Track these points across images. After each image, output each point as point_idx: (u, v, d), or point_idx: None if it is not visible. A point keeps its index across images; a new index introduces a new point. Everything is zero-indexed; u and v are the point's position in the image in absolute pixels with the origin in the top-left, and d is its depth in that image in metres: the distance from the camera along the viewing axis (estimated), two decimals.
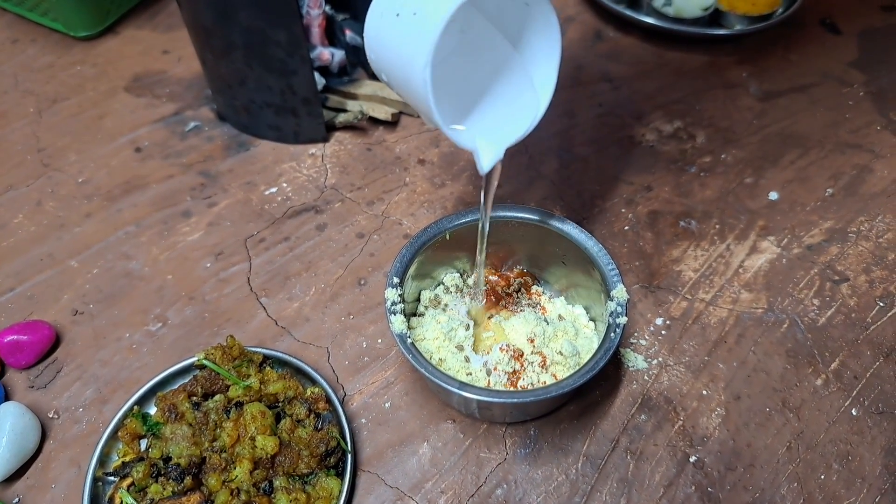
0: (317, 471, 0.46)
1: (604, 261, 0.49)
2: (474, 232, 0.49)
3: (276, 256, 0.61)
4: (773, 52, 0.81)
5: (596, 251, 0.50)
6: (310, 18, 0.70)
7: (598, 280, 0.50)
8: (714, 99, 0.75)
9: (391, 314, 0.47)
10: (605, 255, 0.49)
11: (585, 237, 0.50)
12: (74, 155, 0.71)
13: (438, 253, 0.53)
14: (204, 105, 0.75)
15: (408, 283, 0.51)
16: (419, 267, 0.52)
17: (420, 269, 0.52)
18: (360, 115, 0.70)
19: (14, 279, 0.60)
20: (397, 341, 0.46)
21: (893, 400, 0.52)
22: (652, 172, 0.67)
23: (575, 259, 0.52)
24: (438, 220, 0.52)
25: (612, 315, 0.47)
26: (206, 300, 0.58)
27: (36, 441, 0.50)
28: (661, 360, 0.54)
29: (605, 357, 0.44)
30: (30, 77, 0.79)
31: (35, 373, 0.54)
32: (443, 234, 0.52)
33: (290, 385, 0.49)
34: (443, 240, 0.52)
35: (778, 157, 0.69)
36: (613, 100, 0.75)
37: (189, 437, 0.45)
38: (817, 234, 0.63)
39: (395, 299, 0.48)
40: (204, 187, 0.67)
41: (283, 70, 0.63)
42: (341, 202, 0.66)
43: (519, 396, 0.43)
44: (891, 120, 0.73)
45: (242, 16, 0.60)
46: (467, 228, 0.52)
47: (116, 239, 0.63)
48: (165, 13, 0.88)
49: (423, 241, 0.51)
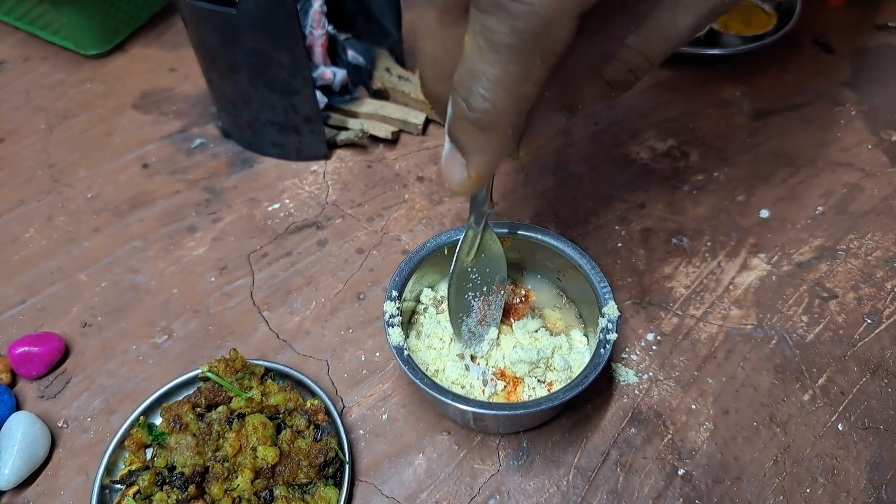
0: (315, 480, 0.47)
1: (596, 278, 0.51)
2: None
3: (278, 271, 0.63)
4: (766, 71, 0.82)
5: (589, 269, 0.51)
6: (312, 38, 0.72)
7: (591, 297, 0.51)
8: (708, 118, 0.77)
9: (389, 326, 0.49)
10: (598, 272, 0.51)
11: (579, 255, 0.52)
12: (84, 171, 0.73)
13: (437, 267, 0.55)
14: (209, 122, 0.77)
15: (406, 297, 0.52)
16: (418, 281, 0.54)
17: (418, 283, 0.54)
18: (360, 133, 0.71)
19: (25, 292, 0.62)
20: (394, 354, 0.48)
21: (879, 415, 0.53)
22: (646, 190, 0.69)
23: (569, 275, 0.54)
24: (437, 236, 0.54)
25: (602, 331, 0.48)
26: (210, 313, 0.60)
27: (46, 449, 0.51)
28: (652, 375, 0.55)
29: (594, 371, 0.46)
30: (41, 94, 0.82)
31: (45, 383, 0.56)
32: (441, 249, 0.54)
33: (291, 397, 0.51)
34: (441, 254, 0.54)
35: (770, 175, 0.71)
36: (609, 118, 0.77)
37: (193, 447, 0.47)
38: (807, 252, 0.64)
39: (394, 312, 0.50)
40: (209, 203, 0.69)
41: (286, 90, 0.65)
42: (342, 218, 0.67)
43: (511, 408, 0.45)
44: (882, 139, 0.74)
45: (247, 38, 0.62)
46: None
47: (124, 253, 0.65)
48: (172, 31, 0.90)
49: (422, 255, 0.53)
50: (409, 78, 0.76)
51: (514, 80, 0.32)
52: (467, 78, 0.33)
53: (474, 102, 0.34)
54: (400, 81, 0.75)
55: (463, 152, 0.37)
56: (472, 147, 0.37)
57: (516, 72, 0.32)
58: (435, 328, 0.53)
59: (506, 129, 0.35)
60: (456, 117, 0.36)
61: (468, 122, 0.35)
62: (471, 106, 0.34)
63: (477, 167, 0.37)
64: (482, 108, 0.34)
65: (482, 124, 0.35)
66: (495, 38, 0.31)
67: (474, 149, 0.37)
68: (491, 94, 0.33)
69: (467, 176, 0.38)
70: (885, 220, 0.66)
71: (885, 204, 0.68)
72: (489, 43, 0.31)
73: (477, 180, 0.38)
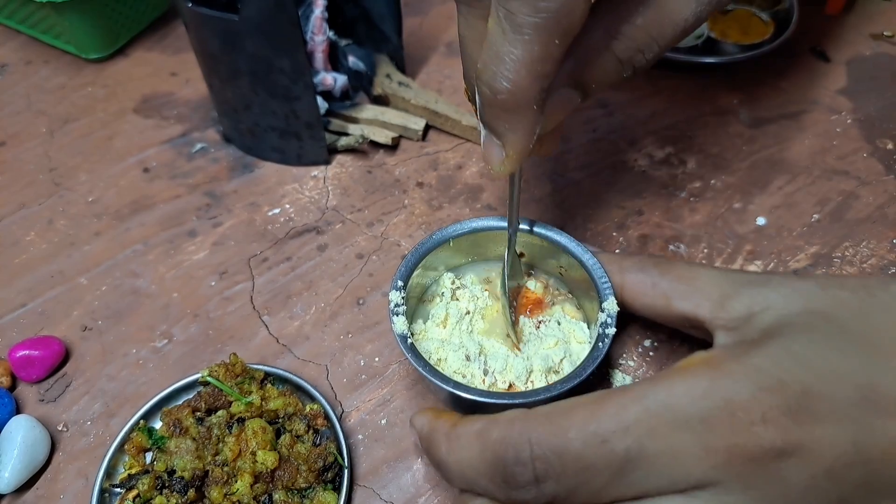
0: (315, 485, 0.48)
1: (597, 273, 0.51)
2: (477, 240, 0.55)
3: (278, 276, 0.64)
4: (764, 79, 0.83)
5: (591, 264, 0.52)
6: (313, 45, 0.72)
7: (594, 292, 0.52)
8: (705, 125, 0.77)
9: (394, 315, 0.50)
10: (599, 267, 0.52)
11: (581, 250, 0.53)
12: (85, 174, 0.73)
13: (441, 259, 0.57)
14: (210, 127, 0.78)
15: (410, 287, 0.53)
16: (423, 273, 0.55)
17: (422, 275, 0.56)
18: (361, 138, 0.72)
19: (26, 295, 0.63)
20: (398, 341, 0.49)
21: None
22: (643, 197, 0.70)
23: (572, 271, 0.54)
24: (443, 228, 0.55)
25: (602, 325, 0.49)
26: (211, 318, 0.61)
27: (46, 453, 0.52)
28: None
29: (592, 363, 0.47)
30: (42, 98, 0.82)
31: (45, 387, 0.56)
32: (446, 241, 0.55)
33: (290, 402, 0.51)
34: (446, 246, 0.55)
35: (766, 183, 0.71)
36: (607, 125, 0.77)
37: (193, 451, 0.47)
38: (803, 259, 0.65)
39: (399, 301, 0.51)
40: (209, 207, 0.69)
41: (286, 96, 0.66)
42: (342, 223, 0.68)
43: (510, 398, 0.46)
44: (877, 147, 0.75)
45: (248, 44, 0.62)
46: (473, 237, 0.56)
47: (124, 257, 0.65)
48: (174, 36, 0.91)
49: (427, 247, 0.54)
50: (410, 84, 0.76)
51: (535, 59, 0.35)
52: (492, 62, 0.36)
53: (499, 85, 0.36)
54: (400, 87, 0.76)
55: (497, 135, 0.40)
56: (503, 128, 0.39)
57: (538, 51, 0.35)
58: (440, 317, 0.54)
59: (531, 105, 0.37)
60: (485, 103, 0.39)
61: (496, 106, 0.38)
62: (496, 89, 0.37)
63: (513, 146, 0.40)
64: (506, 89, 0.36)
65: (509, 105, 0.37)
66: (518, 20, 0.34)
67: (506, 129, 0.39)
68: (514, 75, 0.36)
69: (505, 156, 0.41)
70: (881, 228, 0.67)
71: (881, 212, 0.68)
72: (512, 24, 0.34)
73: (515, 158, 0.41)
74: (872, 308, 0.37)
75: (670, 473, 0.34)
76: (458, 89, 0.81)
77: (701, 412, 0.33)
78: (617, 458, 0.34)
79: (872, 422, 0.33)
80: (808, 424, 0.32)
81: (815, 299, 0.38)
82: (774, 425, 0.32)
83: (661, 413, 0.34)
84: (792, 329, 0.37)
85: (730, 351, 0.37)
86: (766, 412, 0.32)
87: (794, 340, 0.36)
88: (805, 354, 0.34)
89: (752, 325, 0.39)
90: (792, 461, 0.32)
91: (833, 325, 0.36)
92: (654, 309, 0.49)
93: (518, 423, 0.37)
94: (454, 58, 0.86)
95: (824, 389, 0.33)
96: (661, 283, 0.48)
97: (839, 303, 0.37)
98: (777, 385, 0.33)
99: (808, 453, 0.32)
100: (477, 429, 0.38)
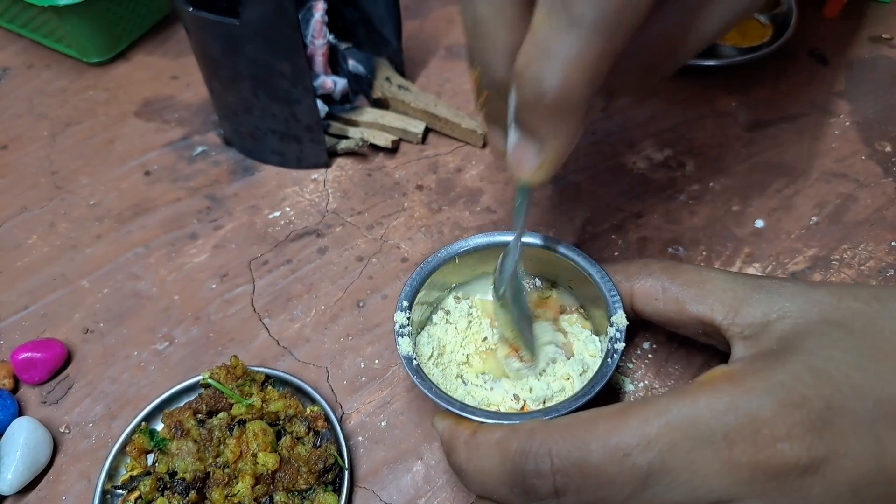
0: (315, 487, 0.48)
1: (606, 287, 0.51)
2: (483, 256, 0.54)
3: (278, 278, 0.64)
4: (762, 82, 0.83)
5: (599, 277, 0.52)
6: (314, 48, 0.73)
7: (602, 306, 0.51)
8: (704, 128, 0.77)
9: (399, 336, 0.49)
10: (608, 281, 0.51)
11: (590, 264, 0.52)
12: (86, 178, 0.73)
13: (445, 277, 0.56)
14: (211, 130, 0.78)
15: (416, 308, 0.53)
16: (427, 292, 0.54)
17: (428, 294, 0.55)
18: (361, 141, 0.72)
19: (28, 298, 0.63)
20: (404, 363, 0.48)
21: None
22: (642, 200, 0.70)
23: (581, 284, 0.54)
24: (448, 245, 0.54)
25: (611, 340, 0.48)
26: (212, 320, 0.61)
27: (48, 455, 0.52)
28: (647, 384, 0.56)
29: (601, 381, 0.46)
30: (44, 101, 0.82)
31: (47, 389, 0.57)
32: (452, 258, 0.54)
33: (291, 404, 0.52)
34: (451, 263, 0.54)
35: (765, 185, 0.71)
36: (606, 128, 0.78)
37: (194, 453, 0.47)
38: (801, 262, 0.65)
39: (404, 322, 0.50)
40: (210, 210, 0.70)
41: (287, 99, 0.66)
42: (342, 226, 0.68)
43: (517, 418, 0.45)
44: (875, 149, 0.75)
45: (249, 48, 0.62)
46: (478, 253, 0.55)
47: (126, 260, 0.66)
48: (175, 39, 0.91)
49: (433, 265, 0.53)
50: (409, 87, 0.77)
51: (593, 57, 0.32)
52: (539, 58, 0.33)
53: (547, 84, 0.33)
54: (400, 91, 0.76)
55: (537, 138, 0.36)
56: (547, 132, 0.35)
57: (597, 48, 0.32)
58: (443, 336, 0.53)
59: (581, 108, 0.34)
60: (526, 103, 0.35)
61: (542, 106, 0.34)
62: (543, 89, 0.33)
63: (555, 151, 0.36)
64: (556, 90, 0.33)
65: (558, 106, 0.34)
66: (575, 14, 0.30)
67: (549, 133, 0.35)
68: (566, 74, 0.32)
69: (542, 162, 0.37)
70: (879, 231, 0.67)
71: (878, 214, 0.68)
72: (569, 18, 0.31)
73: (553, 165, 0.37)
74: (884, 319, 0.37)
75: (692, 488, 0.33)
76: (457, 92, 0.82)
77: (724, 427, 0.33)
78: (639, 472, 0.34)
79: (893, 437, 0.33)
80: (831, 440, 0.32)
81: (831, 310, 0.38)
82: (799, 441, 0.32)
83: (684, 427, 0.34)
84: (811, 341, 0.36)
85: (751, 365, 0.37)
86: (790, 428, 0.32)
87: (813, 354, 0.35)
88: (826, 369, 0.34)
89: (769, 334, 0.39)
90: (815, 477, 0.32)
91: (850, 337, 0.36)
92: (666, 314, 0.48)
93: (538, 434, 0.36)
94: (454, 61, 0.87)
95: (846, 405, 0.33)
96: (671, 287, 0.47)
97: (853, 314, 0.37)
98: (800, 401, 0.33)
99: (831, 469, 0.32)
100: (497, 438, 0.38)
